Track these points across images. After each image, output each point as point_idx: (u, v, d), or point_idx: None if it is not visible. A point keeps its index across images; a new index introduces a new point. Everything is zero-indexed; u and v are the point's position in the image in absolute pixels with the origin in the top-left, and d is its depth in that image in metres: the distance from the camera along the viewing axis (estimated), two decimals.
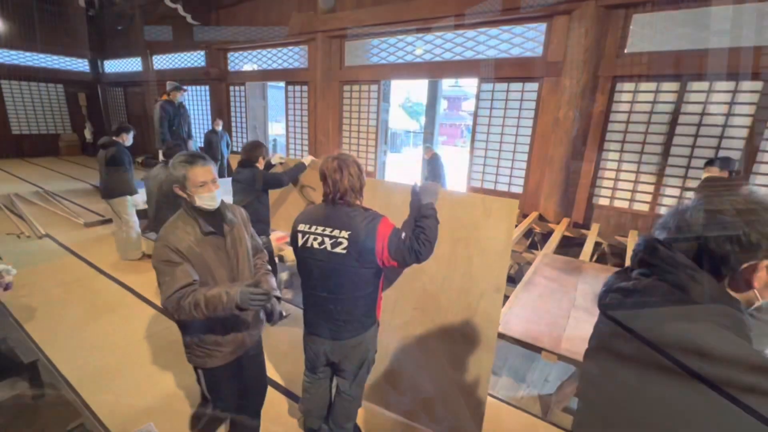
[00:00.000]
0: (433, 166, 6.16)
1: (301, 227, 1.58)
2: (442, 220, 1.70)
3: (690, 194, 4.11)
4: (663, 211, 4.34)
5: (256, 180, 2.74)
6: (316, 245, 1.54)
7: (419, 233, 1.55)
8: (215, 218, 1.53)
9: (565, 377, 2.55)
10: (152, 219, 3.51)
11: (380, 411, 2.22)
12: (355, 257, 1.50)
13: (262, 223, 2.82)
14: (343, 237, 1.50)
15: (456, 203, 1.81)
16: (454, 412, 2.01)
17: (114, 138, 4.13)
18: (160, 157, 5.20)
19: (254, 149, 2.87)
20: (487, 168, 5.50)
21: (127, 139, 4.17)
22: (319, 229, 1.54)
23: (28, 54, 10.85)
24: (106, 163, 4.05)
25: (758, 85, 3.69)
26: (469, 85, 22.47)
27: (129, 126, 4.26)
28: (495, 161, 5.41)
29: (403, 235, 1.55)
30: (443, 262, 1.88)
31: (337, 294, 1.58)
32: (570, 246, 4.65)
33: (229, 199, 1.97)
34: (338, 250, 1.51)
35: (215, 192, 1.50)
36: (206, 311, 1.38)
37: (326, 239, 1.52)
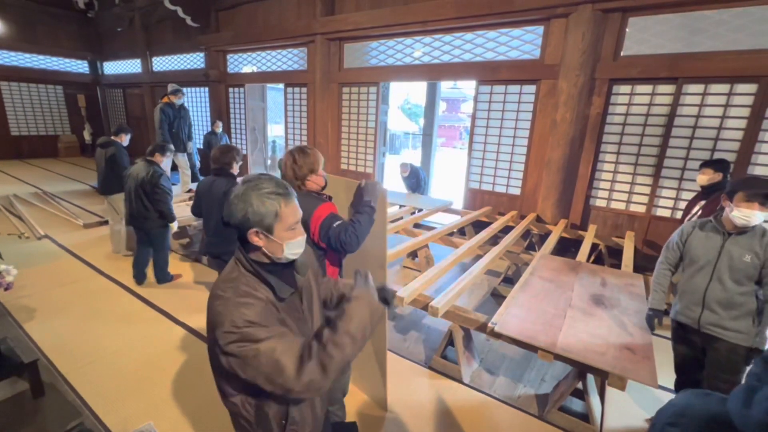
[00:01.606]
0: (414, 180, 6.21)
1: None
2: (345, 204, 1.94)
3: (685, 195, 4.14)
4: (659, 213, 4.38)
5: None
6: None
7: (349, 226, 1.68)
8: (290, 272, 1.12)
9: (561, 377, 2.57)
10: (128, 214, 3.65)
11: None
12: None
13: None
14: None
15: (349, 188, 2.00)
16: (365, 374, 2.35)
17: (113, 138, 4.28)
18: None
19: (224, 154, 2.69)
20: (486, 170, 5.53)
21: (125, 139, 4.33)
22: None
23: (27, 55, 10.86)
24: (105, 162, 4.17)
25: (753, 87, 3.73)
26: (468, 87, 22.55)
27: (128, 128, 4.42)
28: (493, 163, 5.44)
29: (336, 223, 1.69)
30: None
31: None
32: (567, 247, 4.68)
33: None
34: None
35: (305, 237, 1.12)
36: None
37: None
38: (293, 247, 1.07)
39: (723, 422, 0.63)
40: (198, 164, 7.01)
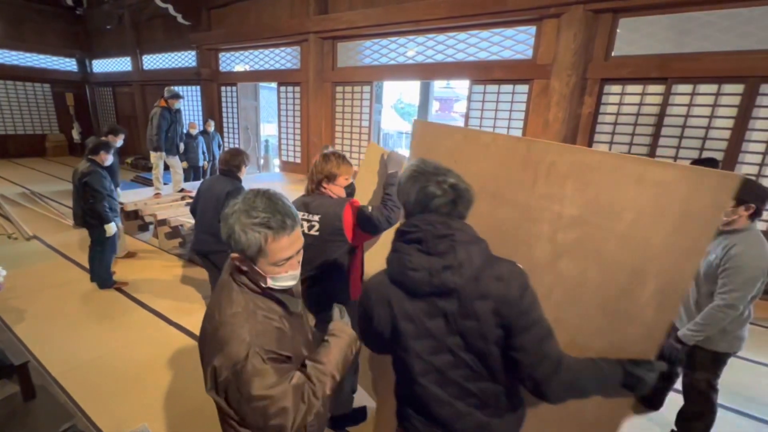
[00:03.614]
0: None
1: None
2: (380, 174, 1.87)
3: None
4: None
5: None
6: None
7: (387, 200, 1.75)
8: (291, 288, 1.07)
9: None
10: (74, 214, 3.57)
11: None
12: (325, 237, 1.73)
13: None
14: (315, 220, 1.75)
15: (379, 157, 1.95)
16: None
17: (103, 138, 4.17)
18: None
19: (234, 157, 2.69)
20: None
21: (117, 140, 4.18)
22: (300, 215, 1.77)
23: (14, 53, 10.66)
24: None
25: (739, 87, 3.80)
26: (460, 86, 22.58)
27: (119, 128, 4.29)
28: None
29: (370, 208, 1.75)
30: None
31: (312, 272, 1.78)
32: None
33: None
34: (312, 232, 1.75)
35: (299, 270, 1.01)
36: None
37: (305, 223, 1.77)
38: (281, 281, 0.95)
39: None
40: (202, 162, 6.84)
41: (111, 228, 3.50)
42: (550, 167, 1.17)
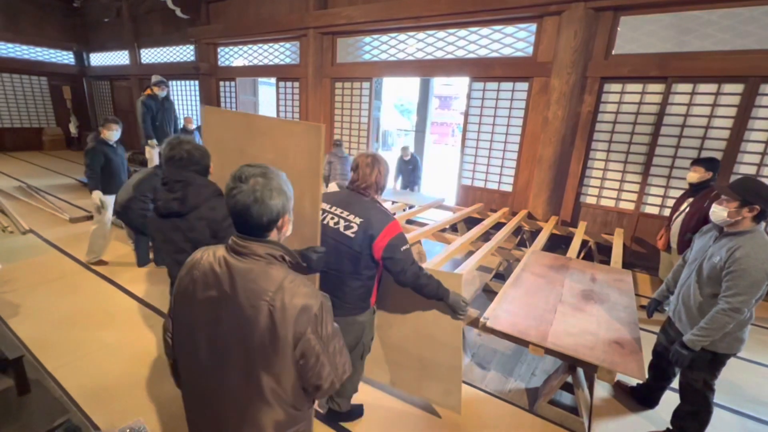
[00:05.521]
0: (412, 166, 6.23)
1: (324, 206, 1.76)
2: None
3: (673, 193, 4.21)
4: (647, 210, 4.46)
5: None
6: (332, 224, 1.73)
7: (421, 270, 1.75)
8: None
9: (551, 371, 2.60)
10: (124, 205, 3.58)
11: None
12: (359, 242, 1.67)
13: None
14: (355, 222, 1.69)
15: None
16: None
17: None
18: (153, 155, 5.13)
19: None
20: (478, 166, 5.56)
21: (107, 134, 4.06)
22: (338, 211, 1.73)
23: (10, 45, 10.56)
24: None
25: (739, 87, 3.80)
26: (458, 84, 22.51)
27: (111, 118, 4.20)
28: (485, 159, 5.47)
29: (404, 247, 1.68)
30: None
31: (337, 271, 1.73)
32: (558, 243, 4.73)
33: None
34: (348, 233, 1.69)
35: None
36: None
37: (341, 221, 1.71)
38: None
39: None
40: None
41: None
42: (259, 130, 1.80)
